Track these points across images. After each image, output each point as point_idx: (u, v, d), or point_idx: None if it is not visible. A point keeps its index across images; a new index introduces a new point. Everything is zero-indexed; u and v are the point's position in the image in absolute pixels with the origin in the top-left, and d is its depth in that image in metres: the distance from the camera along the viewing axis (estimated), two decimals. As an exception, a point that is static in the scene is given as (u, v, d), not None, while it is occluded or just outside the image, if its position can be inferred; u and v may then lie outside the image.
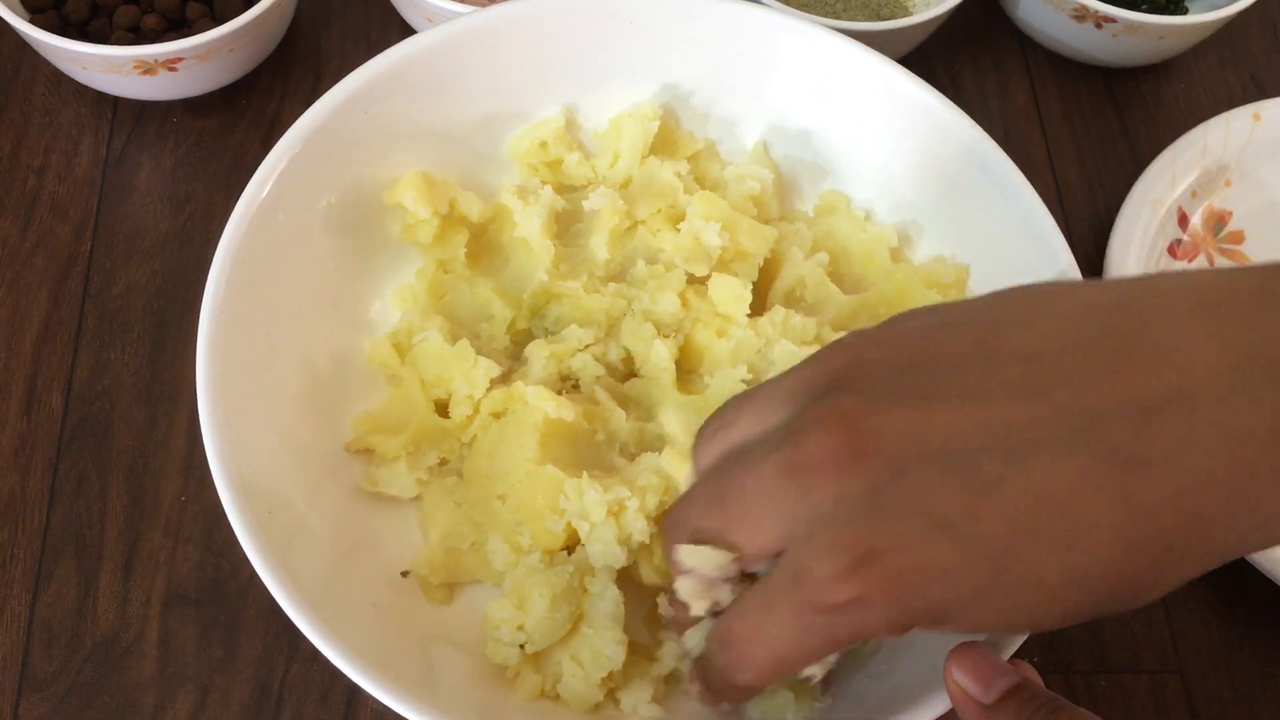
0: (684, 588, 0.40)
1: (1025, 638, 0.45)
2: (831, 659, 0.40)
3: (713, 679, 0.41)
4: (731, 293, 0.54)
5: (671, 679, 0.50)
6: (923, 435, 0.34)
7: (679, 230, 0.56)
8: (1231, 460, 0.32)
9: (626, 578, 0.50)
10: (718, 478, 0.39)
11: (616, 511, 0.48)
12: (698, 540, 0.39)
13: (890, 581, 0.34)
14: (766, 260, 0.57)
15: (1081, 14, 0.71)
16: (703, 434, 0.41)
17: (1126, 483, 0.32)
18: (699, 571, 0.39)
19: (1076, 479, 0.33)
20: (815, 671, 0.40)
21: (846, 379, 0.36)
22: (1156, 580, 0.34)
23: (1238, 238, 0.71)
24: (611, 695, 0.49)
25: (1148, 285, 0.35)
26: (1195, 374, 0.32)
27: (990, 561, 0.33)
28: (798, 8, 0.70)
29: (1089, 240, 0.71)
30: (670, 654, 0.50)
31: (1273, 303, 0.33)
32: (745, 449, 0.38)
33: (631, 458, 0.53)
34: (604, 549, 0.48)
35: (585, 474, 0.49)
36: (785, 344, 0.53)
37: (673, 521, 0.40)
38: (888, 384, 0.35)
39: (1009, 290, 0.37)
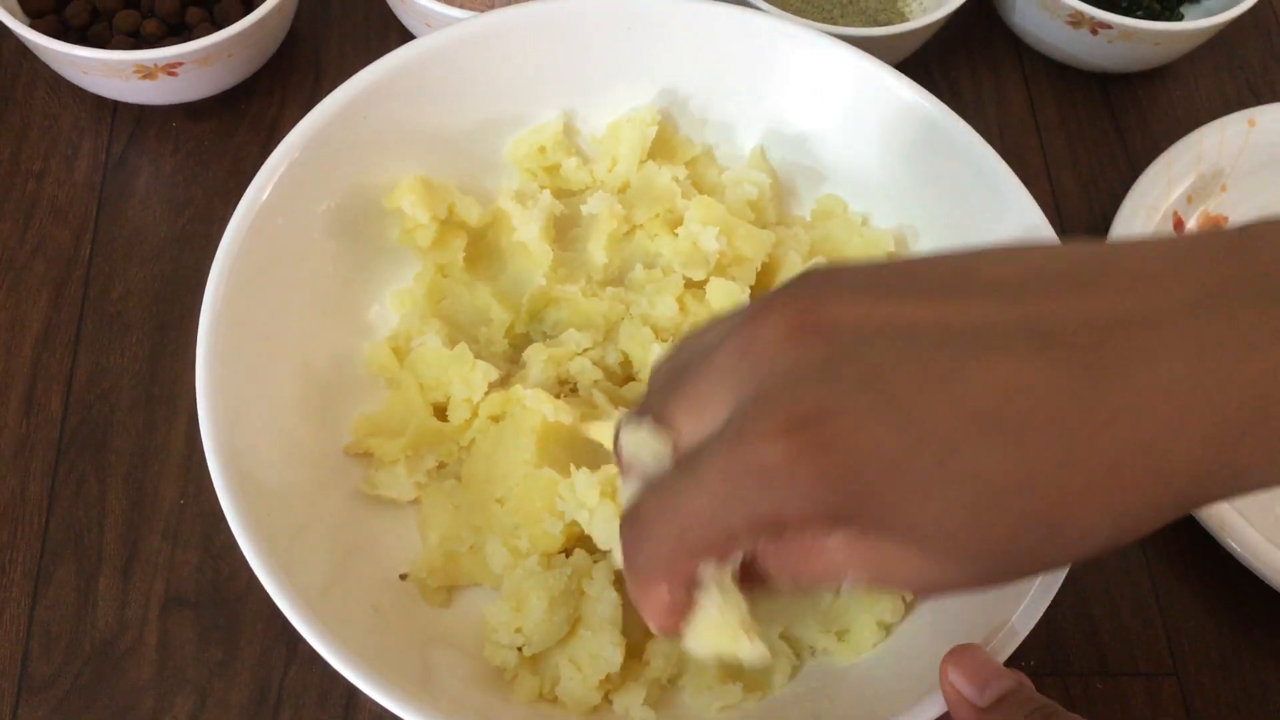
0: (622, 493, 0.38)
1: (1022, 639, 0.45)
2: (727, 570, 0.37)
3: (631, 586, 0.38)
4: (730, 297, 0.54)
5: (665, 682, 0.50)
6: (884, 320, 0.33)
7: (677, 235, 0.57)
8: (1193, 373, 0.31)
9: (622, 581, 0.50)
10: (670, 374, 0.38)
11: (611, 492, 0.48)
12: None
13: (828, 448, 0.32)
14: (764, 265, 0.57)
15: (1077, 20, 0.72)
16: (659, 364, 0.40)
17: (1084, 389, 0.31)
18: (636, 462, 0.37)
19: (1035, 378, 0.32)
20: (711, 581, 0.37)
21: (811, 279, 0.35)
22: (1102, 507, 0.32)
23: (1233, 243, 0.71)
24: (607, 698, 0.49)
25: (1127, 239, 0.35)
26: (1164, 298, 0.32)
27: (936, 447, 0.32)
28: (795, 13, 0.70)
29: (1085, 245, 0.71)
30: (658, 653, 0.50)
31: (1248, 242, 0.32)
32: (702, 347, 0.37)
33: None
34: (606, 530, 0.48)
35: (574, 466, 0.49)
36: None
37: (622, 421, 0.39)
38: (854, 283, 0.35)
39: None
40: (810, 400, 0.33)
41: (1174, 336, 0.31)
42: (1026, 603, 0.46)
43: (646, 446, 0.37)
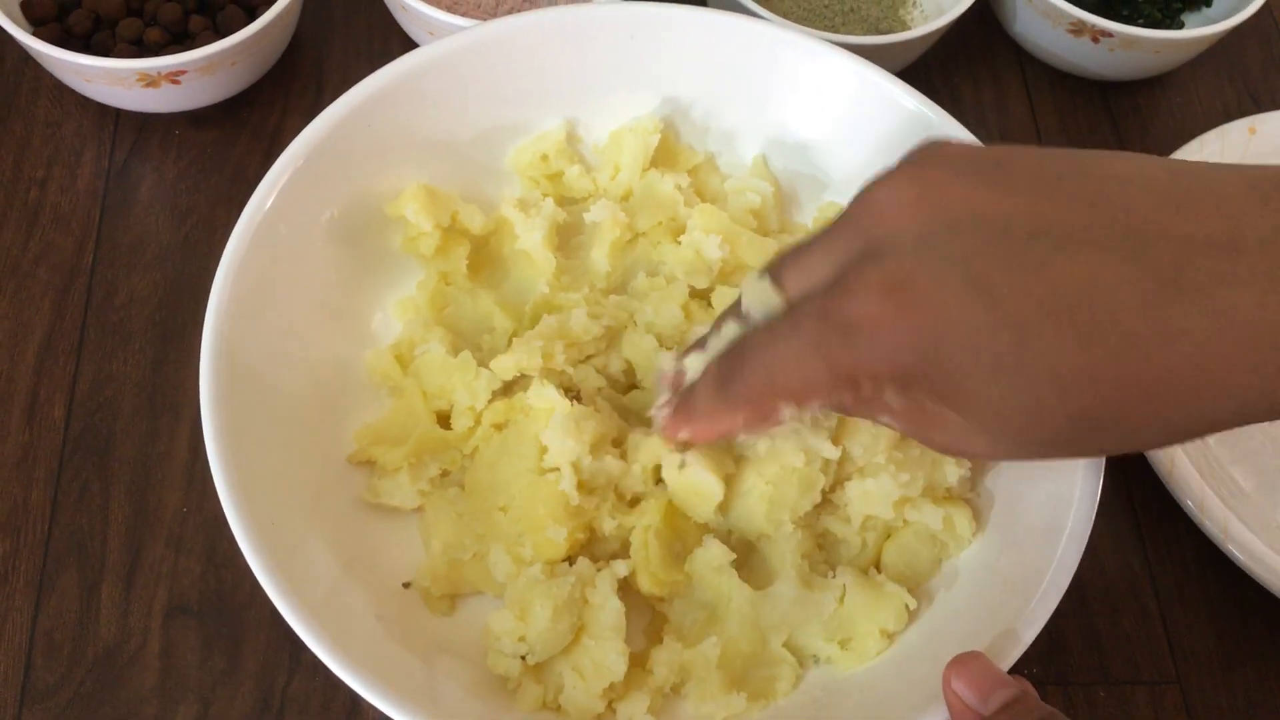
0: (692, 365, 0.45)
1: (1026, 646, 0.45)
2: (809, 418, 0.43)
3: (697, 399, 0.44)
4: (734, 305, 0.54)
5: (668, 691, 0.50)
6: (986, 207, 0.36)
7: (680, 243, 0.57)
8: (1263, 303, 0.33)
9: (626, 589, 0.51)
10: (796, 244, 0.42)
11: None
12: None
13: (915, 310, 0.36)
14: (767, 273, 0.57)
15: (1078, 28, 0.72)
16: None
17: (1161, 301, 0.34)
18: (749, 312, 0.43)
19: (1117, 282, 0.34)
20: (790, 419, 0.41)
21: (930, 156, 0.39)
22: (1154, 414, 0.35)
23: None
24: (610, 707, 0.49)
25: (1217, 164, 0.37)
26: (1246, 227, 0.34)
27: (1014, 331, 0.35)
28: (797, 22, 0.70)
29: (1087, 253, 0.71)
30: (661, 662, 0.50)
31: None
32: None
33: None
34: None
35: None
36: None
37: (746, 279, 0.44)
38: (970, 165, 0.38)
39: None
40: (908, 267, 0.36)
41: (1250, 265, 0.33)
42: (1030, 610, 0.46)
43: (760, 298, 0.42)
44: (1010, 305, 0.35)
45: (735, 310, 0.45)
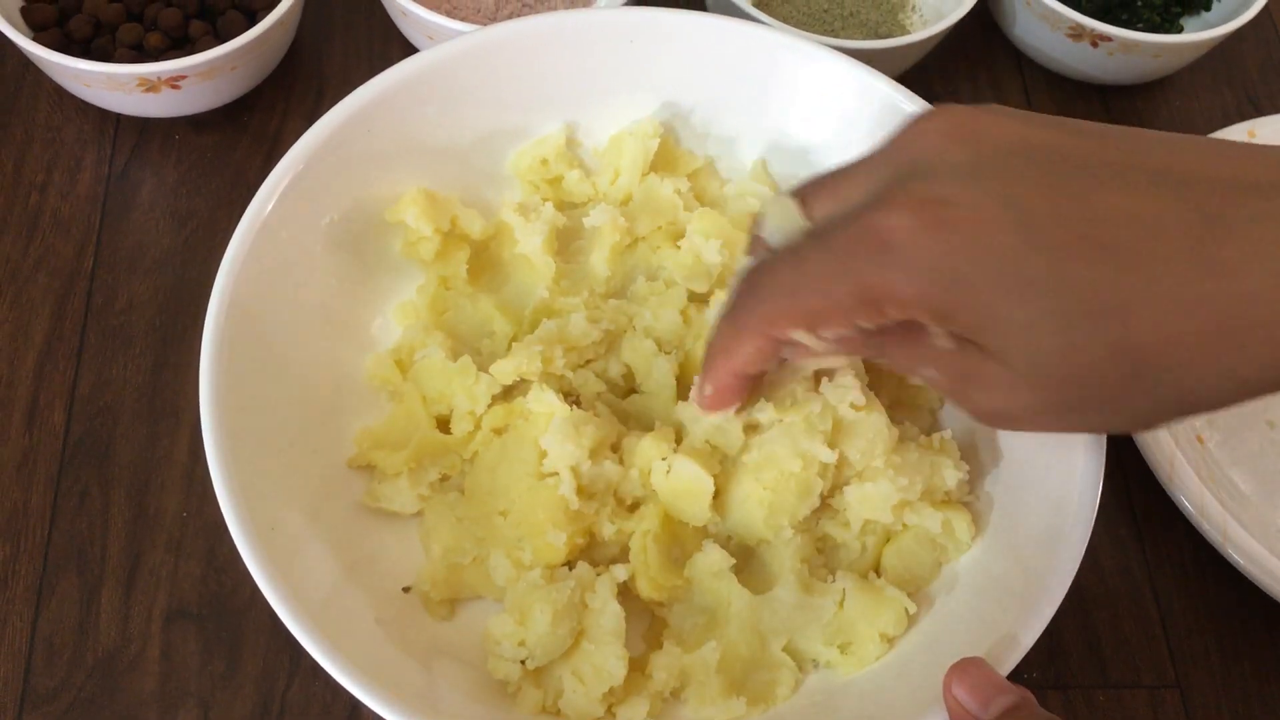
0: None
1: (1026, 650, 0.45)
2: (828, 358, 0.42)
3: (711, 340, 0.43)
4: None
5: (668, 695, 0.50)
6: (1032, 140, 0.36)
7: (679, 247, 0.57)
8: None
9: (625, 593, 0.51)
10: (827, 170, 0.42)
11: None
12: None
13: (949, 230, 0.35)
14: (766, 277, 0.57)
15: (1077, 32, 0.72)
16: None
17: (1201, 234, 0.34)
18: (770, 235, 0.41)
19: (1158, 215, 0.34)
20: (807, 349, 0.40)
21: (974, 107, 0.39)
22: (1191, 353, 0.34)
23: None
24: (610, 711, 0.49)
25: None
26: None
27: (1049, 255, 0.34)
28: (796, 26, 0.70)
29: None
30: (661, 666, 0.50)
31: None
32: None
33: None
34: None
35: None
36: None
37: (765, 200, 0.44)
38: (1015, 111, 0.38)
39: None
40: (950, 188, 0.36)
41: None
42: (1030, 614, 0.46)
43: (781, 216, 0.41)
44: (1047, 230, 0.35)
45: (752, 245, 0.44)
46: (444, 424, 0.55)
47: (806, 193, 0.42)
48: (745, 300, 0.41)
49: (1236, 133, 0.71)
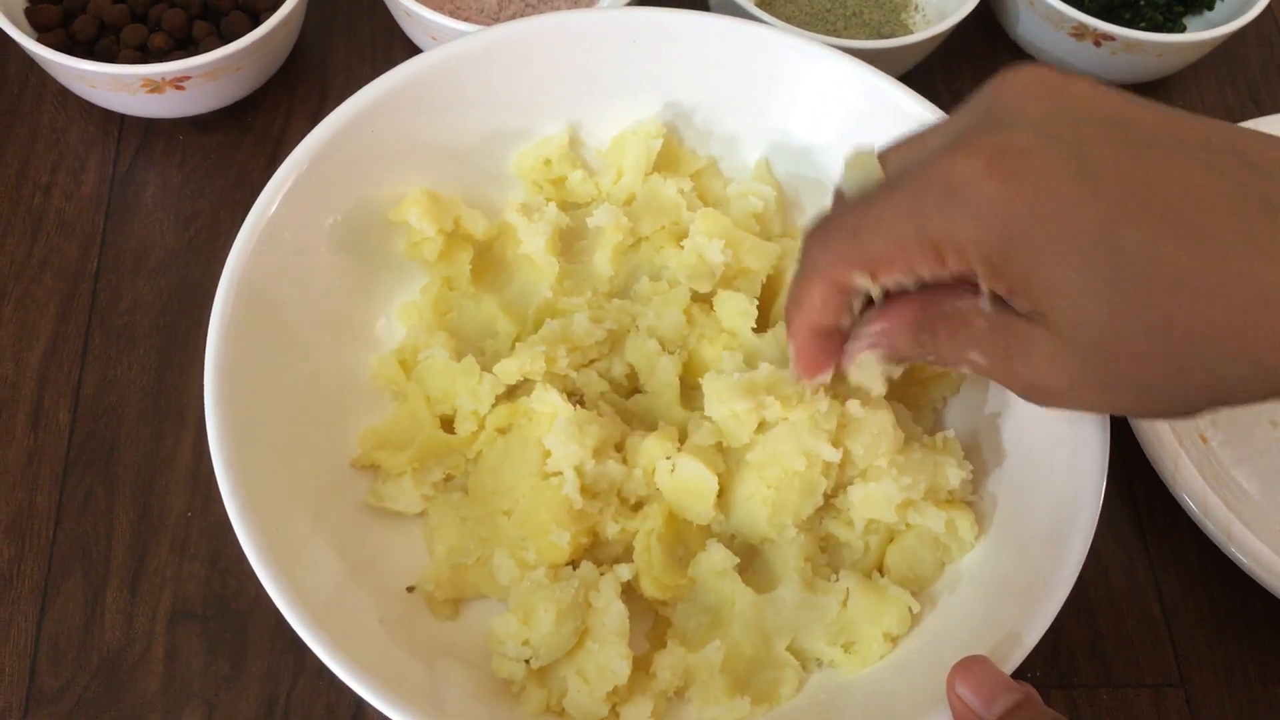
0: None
1: (1030, 649, 0.45)
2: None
3: (792, 289, 0.43)
4: (737, 308, 0.54)
5: (672, 695, 0.50)
6: (1112, 108, 0.37)
7: (682, 247, 0.57)
8: None
9: (629, 593, 0.51)
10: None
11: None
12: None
13: (1017, 180, 0.36)
14: (769, 277, 0.58)
15: (1080, 32, 0.72)
16: None
17: (1263, 223, 0.34)
18: (846, 187, 0.42)
19: (1223, 197, 0.35)
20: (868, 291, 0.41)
21: (1059, 69, 0.39)
22: (1242, 337, 0.35)
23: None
24: (614, 711, 0.49)
25: None
26: None
27: (1111, 220, 0.35)
28: (799, 26, 0.70)
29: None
30: (665, 666, 0.50)
31: None
32: None
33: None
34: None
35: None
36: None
37: (848, 155, 0.44)
38: (1094, 82, 0.39)
39: None
40: (1024, 141, 0.36)
41: None
42: (1033, 614, 0.46)
43: (860, 167, 0.42)
44: (1111, 193, 0.35)
45: (834, 200, 0.44)
46: (448, 424, 0.55)
47: (889, 149, 0.43)
48: (812, 247, 0.42)
49: (1239, 132, 0.71)
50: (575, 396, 0.54)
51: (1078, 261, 0.35)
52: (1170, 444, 0.59)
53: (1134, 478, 0.64)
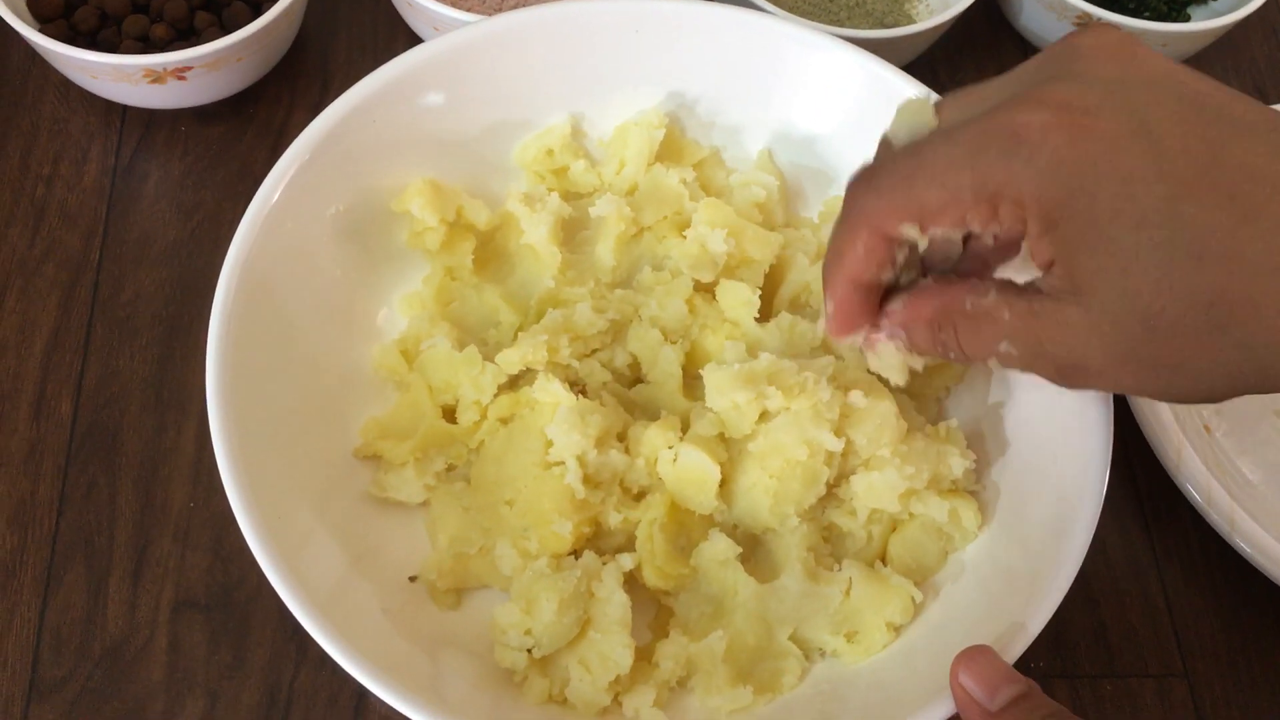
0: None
1: (1033, 638, 0.45)
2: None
3: (833, 242, 0.42)
4: (740, 298, 0.54)
5: (675, 684, 0.50)
6: (1186, 83, 0.37)
7: (685, 237, 0.57)
8: None
9: (631, 582, 0.51)
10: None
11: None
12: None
13: (1081, 134, 0.35)
14: (772, 267, 0.57)
15: (1084, 22, 0.72)
16: None
17: None
18: (896, 135, 0.41)
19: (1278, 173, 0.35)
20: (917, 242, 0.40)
21: (1133, 35, 0.39)
22: (1272, 318, 0.35)
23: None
24: (616, 700, 0.49)
25: None
26: None
27: (1172, 187, 0.35)
28: (802, 16, 0.70)
29: (1093, 246, 0.71)
30: (667, 655, 0.50)
31: None
32: None
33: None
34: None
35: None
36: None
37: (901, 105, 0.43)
38: (1165, 57, 0.38)
39: None
40: (1093, 98, 0.36)
41: None
42: (1036, 604, 0.46)
43: (913, 113, 0.41)
44: (1176, 164, 0.35)
45: (879, 148, 0.43)
46: (450, 414, 0.55)
47: (945, 98, 0.42)
48: (860, 194, 0.41)
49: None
50: (578, 386, 0.54)
51: (1137, 230, 0.35)
52: (1174, 434, 0.59)
53: (1137, 468, 0.63)
